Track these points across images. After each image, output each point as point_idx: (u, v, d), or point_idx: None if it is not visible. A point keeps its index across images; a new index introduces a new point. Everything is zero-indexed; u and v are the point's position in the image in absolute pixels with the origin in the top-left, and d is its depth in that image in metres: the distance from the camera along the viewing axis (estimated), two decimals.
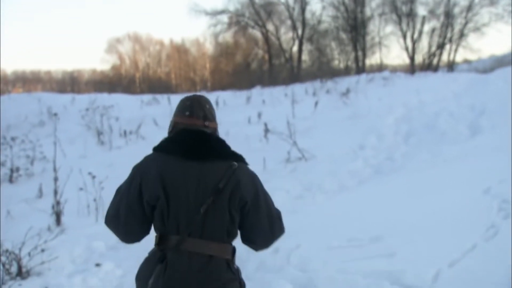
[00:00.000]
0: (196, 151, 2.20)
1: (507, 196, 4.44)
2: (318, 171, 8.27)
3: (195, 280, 2.13)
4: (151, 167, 2.21)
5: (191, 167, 2.17)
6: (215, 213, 2.16)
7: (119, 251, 5.33)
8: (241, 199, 2.21)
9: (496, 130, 9.25)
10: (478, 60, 37.98)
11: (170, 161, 2.20)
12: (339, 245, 4.28)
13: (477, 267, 3.19)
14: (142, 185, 2.19)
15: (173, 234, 2.17)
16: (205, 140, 2.24)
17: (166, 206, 2.15)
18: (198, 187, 2.16)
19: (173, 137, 2.30)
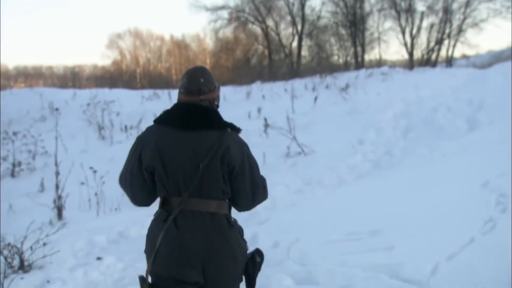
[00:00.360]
0: (191, 123, 2.44)
1: (505, 190, 4.46)
2: (317, 166, 8.30)
3: (201, 235, 2.39)
4: (151, 137, 2.46)
5: (187, 137, 2.42)
6: (210, 174, 2.40)
7: (120, 245, 5.37)
8: (229, 164, 2.45)
9: (494, 124, 9.28)
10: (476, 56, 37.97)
11: (168, 132, 2.44)
12: (338, 239, 4.30)
13: (475, 261, 3.20)
14: (141, 154, 2.44)
15: (175, 196, 2.42)
16: (200, 112, 2.48)
17: (164, 172, 2.40)
18: (194, 153, 2.40)
19: (171, 110, 2.53)
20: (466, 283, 2.94)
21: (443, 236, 3.76)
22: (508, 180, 4.77)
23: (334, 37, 35.54)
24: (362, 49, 33.50)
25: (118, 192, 7.63)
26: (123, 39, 54.94)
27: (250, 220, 5.90)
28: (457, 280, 3.02)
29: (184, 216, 2.40)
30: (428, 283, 3.08)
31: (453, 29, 32.72)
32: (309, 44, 36.51)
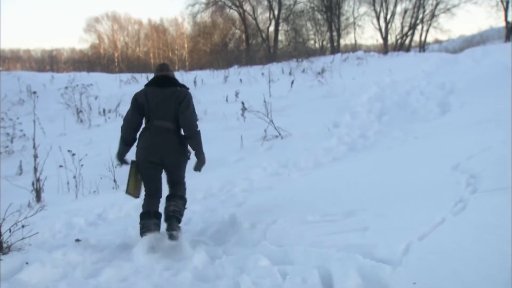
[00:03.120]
0: (162, 83, 4.76)
1: (475, 172, 4.53)
2: (293, 149, 8.37)
3: (161, 137, 4.62)
4: (143, 92, 4.76)
5: (159, 90, 4.71)
6: (168, 108, 4.66)
7: (99, 227, 5.39)
8: (178, 103, 4.67)
9: (465, 108, 9.44)
10: (448, 41, 38.47)
11: (150, 89, 4.74)
12: (314, 220, 4.35)
13: (445, 240, 3.24)
14: (137, 99, 4.73)
15: (151, 119, 4.67)
16: (167, 78, 4.82)
17: (148, 106, 4.67)
18: (162, 98, 4.67)
19: (152, 78, 4.86)
20: (437, 262, 2.99)
21: (415, 217, 3.81)
22: (478, 162, 4.89)
23: (310, 22, 35.51)
24: (338, 34, 33.54)
25: (97, 174, 7.67)
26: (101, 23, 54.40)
27: (228, 202, 5.97)
28: (428, 259, 3.05)
29: (154, 128, 4.64)
30: (400, 262, 3.11)
31: (426, 14, 33.08)
32: (286, 29, 36.45)
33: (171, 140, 4.64)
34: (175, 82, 4.78)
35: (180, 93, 4.68)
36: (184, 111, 4.63)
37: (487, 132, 6.58)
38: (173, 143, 4.65)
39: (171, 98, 4.64)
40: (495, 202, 3.70)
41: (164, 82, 4.74)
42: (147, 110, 4.65)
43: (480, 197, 3.90)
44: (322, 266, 3.33)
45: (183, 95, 4.67)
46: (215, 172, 7.73)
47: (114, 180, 7.63)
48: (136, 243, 4.43)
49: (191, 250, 4.26)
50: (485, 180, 4.27)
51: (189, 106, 4.67)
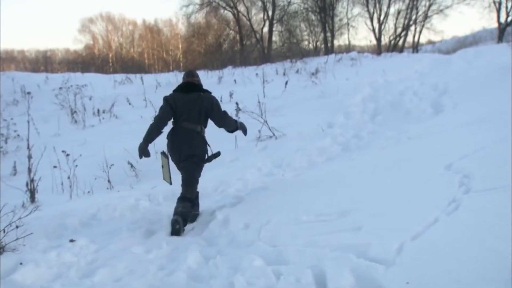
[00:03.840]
0: (187, 89, 5.39)
1: (468, 172, 4.55)
2: (288, 149, 8.39)
3: (185, 137, 5.28)
4: (171, 96, 5.37)
5: (185, 95, 5.32)
6: (193, 111, 5.30)
7: (93, 227, 5.38)
8: (205, 107, 5.35)
9: (458, 108, 9.49)
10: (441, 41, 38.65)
11: (177, 94, 5.37)
12: (308, 220, 4.36)
13: (438, 240, 3.24)
14: (168, 101, 5.33)
15: (177, 120, 5.32)
16: (191, 84, 5.44)
17: (176, 110, 5.29)
18: (187, 102, 5.30)
19: (179, 85, 5.49)
20: (430, 262, 3.00)
21: (409, 216, 3.82)
22: (471, 162, 4.91)
23: (304, 22, 35.56)
24: (332, 35, 33.59)
25: (91, 175, 7.66)
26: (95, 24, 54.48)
27: (222, 202, 5.97)
28: (421, 258, 3.06)
29: (180, 129, 5.32)
30: (394, 262, 3.12)
31: (420, 15, 33.24)
32: (280, 30, 36.48)
33: (193, 140, 5.30)
34: (198, 88, 5.42)
35: (204, 98, 5.34)
36: (217, 115, 5.45)
37: (480, 133, 6.61)
38: (195, 142, 5.31)
39: (195, 102, 5.30)
40: (488, 202, 3.71)
41: (189, 88, 5.38)
42: (175, 112, 5.30)
43: (473, 197, 3.91)
44: (316, 266, 3.34)
45: (209, 101, 5.36)
46: (209, 172, 7.73)
47: (108, 181, 7.62)
48: (130, 244, 4.43)
49: (185, 251, 4.27)
50: (478, 180, 4.28)
51: (220, 108, 5.47)
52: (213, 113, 5.41)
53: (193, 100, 5.30)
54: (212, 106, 5.37)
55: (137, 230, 5.09)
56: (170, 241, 4.72)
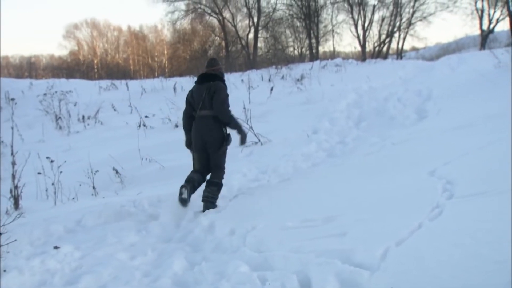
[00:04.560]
0: (201, 80, 5.90)
1: (451, 178, 4.59)
2: (273, 155, 8.40)
3: (203, 124, 5.79)
4: (190, 90, 6.00)
5: (199, 86, 5.86)
6: (204, 99, 5.77)
7: (77, 234, 5.33)
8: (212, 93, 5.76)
9: (441, 114, 9.57)
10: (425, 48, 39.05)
11: (195, 86, 5.93)
12: (294, 226, 4.37)
13: (422, 245, 3.26)
14: (187, 95, 6.01)
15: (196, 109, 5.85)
16: (208, 75, 5.91)
17: (193, 100, 5.89)
18: (201, 92, 5.81)
19: (198, 76, 6.03)
20: (414, 267, 3.02)
21: (393, 222, 3.84)
22: (454, 168, 4.96)
23: (290, 29, 35.64)
24: (317, 41, 33.74)
25: (76, 181, 7.61)
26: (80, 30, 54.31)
27: None
28: (405, 264, 3.08)
29: (198, 118, 5.85)
30: (378, 267, 3.14)
31: (403, 22, 33.60)
32: (265, 36, 36.50)
33: (209, 125, 5.77)
34: (210, 78, 5.85)
35: (211, 86, 5.78)
36: (217, 101, 5.73)
37: (464, 138, 6.68)
38: (211, 127, 5.78)
39: (207, 91, 5.76)
40: (471, 208, 3.74)
41: (202, 78, 5.89)
42: (193, 103, 5.88)
43: (456, 203, 3.94)
44: (301, 272, 3.35)
45: (214, 88, 5.77)
46: None
47: (93, 187, 7.58)
48: (115, 250, 4.41)
49: (170, 257, 4.26)
50: (461, 185, 4.32)
51: (219, 97, 5.74)
52: (214, 98, 5.74)
53: (204, 89, 5.79)
54: (215, 91, 5.75)
55: (122, 236, 5.07)
56: (155, 247, 4.71)
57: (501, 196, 3.76)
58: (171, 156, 9.10)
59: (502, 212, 3.42)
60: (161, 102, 14.46)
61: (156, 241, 4.97)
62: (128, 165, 8.78)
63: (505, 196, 3.74)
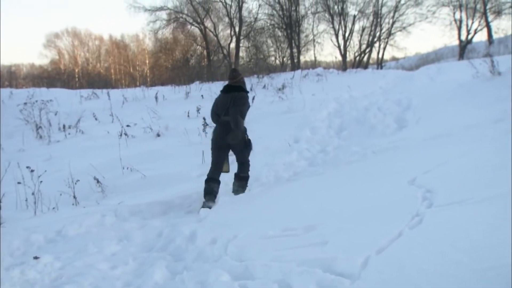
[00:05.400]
0: (226, 90, 6.76)
1: (431, 186, 4.63)
2: (255, 164, 8.38)
3: (226, 129, 6.53)
4: (217, 97, 6.95)
5: (227, 95, 6.66)
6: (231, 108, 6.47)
7: (58, 244, 5.28)
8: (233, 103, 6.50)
9: (421, 123, 9.68)
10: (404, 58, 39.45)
11: (220, 95, 6.84)
12: (275, 234, 4.37)
13: (403, 254, 3.28)
14: (214, 102, 6.91)
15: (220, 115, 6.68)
16: (230, 86, 6.75)
17: (217, 108, 6.76)
18: (225, 101, 6.64)
19: (223, 86, 6.84)
20: (394, 276, 3.03)
21: (374, 230, 3.86)
22: (434, 176, 5.01)
23: (271, 38, 35.73)
24: (298, 51, 33.91)
25: (56, 191, 7.54)
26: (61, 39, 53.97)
27: (189, 217, 5.95)
28: (386, 272, 3.08)
29: (221, 122, 6.63)
30: (359, 276, 3.14)
31: (383, 32, 33.95)
32: (247, 46, 36.56)
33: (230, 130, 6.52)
34: (235, 89, 6.71)
35: (235, 96, 6.61)
36: (234, 107, 6.52)
37: (443, 147, 6.76)
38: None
39: (230, 101, 6.61)
40: (450, 216, 3.77)
41: (227, 89, 6.79)
42: (217, 110, 6.81)
43: (435, 211, 3.97)
44: (283, 281, 3.35)
45: (236, 96, 6.61)
46: (176, 187, 7.71)
47: (74, 197, 7.51)
48: (96, 260, 4.38)
49: (151, 266, 4.24)
50: (440, 194, 4.36)
51: (238, 105, 6.55)
52: (232, 104, 6.55)
53: (228, 99, 6.64)
54: (235, 99, 6.58)
55: (103, 246, 5.04)
56: (137, 257, 4.69)
57: (479, 205, 3.81)
58: (152, 166, 9.07)
59: (481, 221, 3.47)
60: (142, 111, 14.41)
61: (138, 251, 4.94)
62: (109, 174, 8.72)
63: (483, 204, 3.79)
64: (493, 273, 2.76)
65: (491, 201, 3.82)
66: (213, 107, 6.90)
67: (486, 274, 2.77)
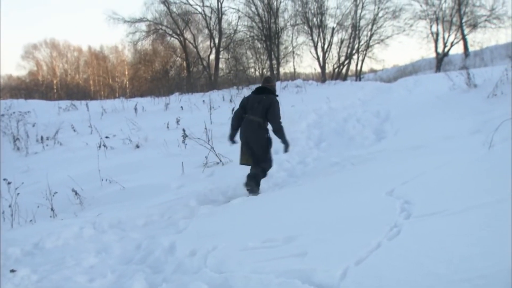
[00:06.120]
0: (257, 91, 7.50)
1: (409, 197, 4.67)
2: (234, 175, 8.41)
3: (250, 126, 7.33)
4: (247, 96, 7.62)
5: (255, 96, 7.43)
6: (257, 108, 7.30)
7: (35, 257, 5.21)
8: (266, 106, 7.25)
9: (399, 135, 9.78)
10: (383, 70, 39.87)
11: (251, 94, 7.56)
12: (254, 246, 4.37)
13: (381, 265, 3.29)
14: (243, 100, 7.61)
15: (247, 114, 7.39)
16: (263, 88, 7.51)
17: (247, 106, 7.43)
18: (255, 101, 7.38)
19: (255, 88, 7.66)
20: (373, 286, 3.03)
21: (353, 241, 3.87)
22: (412, 187, 5.06)
23: (251, 50, 35.86)
24: (277, 62, 34.09)
25: (33, 203, 7.45)
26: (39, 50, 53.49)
27: (168, 229, 5.92)
28: (364, 283, 3.09)
29: (247, 120, 7.35)
30: (338, 287, 3.15)
31: (362, 44, 34.30)
32: (227, 57, 36.66)
33: (254, 128, 7.32)
34: (266, 91, 7.42)
35: (266, 99, 7.31)
36: (271, 113, 7.26)
37: (421, 158, 6.84)
38: (256, 130, 7.33)
39: (260, 102, 7.31)
40: (428, 227, 3.81)
41: (260, 90, 7.49)
42: (246, 108, 7.43)
43: (413, 222, 4.00)
44: None
45: (269, 102, 7.30)
46: (156, 199, 7.66)
47: (52, 209, 7.43)
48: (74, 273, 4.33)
49: (130, 278, 4.20)
50: (418, 205, 4.40)
51: (274, 109, 7.27)
52: (269, 111, 7.26)
53: (258, 100, 7.33)
54: (270, 105, 7.27)
55: (81, 258, 4.98)
56: (115, 269, 4.64)
57: (456, 216, 3.85)
58: (131, 177, 9.01)
59: (458, 232, 3.51)
60: (121, 123, 14.33)
61: (116, 263, 4.90)
62: (87, 186, 8.65)
63: (460, 215, 3.84)
64: (470, 284, 2.79)
65: (468, 212, 3.87)
66: (241, 105, 7.56)
67: (463, 285, 2.80)
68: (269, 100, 7.30)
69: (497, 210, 3.69)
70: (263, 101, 7.29)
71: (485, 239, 3.26)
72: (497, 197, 3.96)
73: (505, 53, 28.51)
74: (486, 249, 3.11)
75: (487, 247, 3.14)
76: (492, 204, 3.85)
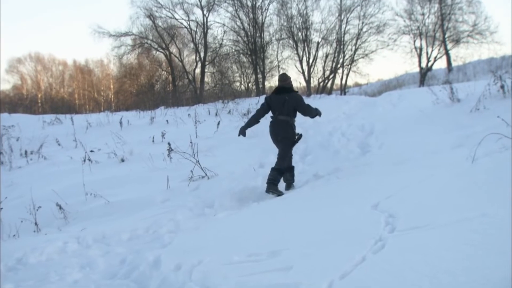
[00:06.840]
0: (278, 91, 8.09)
1: (393, 211, 4.70)
2: (220, 189, 8.41)
3: (281, 126, 8.03)
4: (269, 97, 8.20)
5: (277, 96, 8.03)
6: (284, 107, 7.95)
7: (18, 272, 5.16)
8: (293, 104, 7.99)
9: (383, 148, 9.85)
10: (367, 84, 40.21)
11: (273, 95, 8.12)
12: (239, 260, 4.37)
13: (366, 279, 3.30)
14: (267, 100, 8.16)
15: (274, 113, 8.09)
16: (282, 87, 8.10)
17: (271, 107, 8.09)
18: (279, 101, 7.99)
19: (275, 88, 8.27)
20: None
21: (338, 255, 3.89)
22: (396, 201, 5.10)
23: (236, 64, 35.91)
24: (263, 76, 34.17)
25: (17, 218, 7.37)
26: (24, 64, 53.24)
27: (153, 243, 5.89)
28: None
29: (276, 120, 8.03)
30: None
31: (346, 59, 34.53)
32: (212, 71, 36.70)
33: (284, 127, 7.99)
34: (285, 91, 8.02)
35: (290, 98, 7.96)
36: (302, 109, 8.02)
37: (405, 172, 6.89)
38: (285, 128, 8.01)
39: (284, 103, 7.93)
40: (411, 241, 3.83)
41: (279, 90, 8.05)
42: (271, 108, 8.08)
43: (398, 236, 4.02)
44: None
45: (294, 99, 7.98)
46: (141, 213, 7.62)
47: (36, 223, 7.37)
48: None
49: None
50: (402, 219, 4.42)
51: (303, 104, 8.00)
52: (299, 108, 7.99)
53: (282, 100, 7.93)
54: (297, 102, 7.96)
55: (65, 274, 4.94)
56: (99, 284, 4.61)
57: (440, 229, 3.88)
58: (116, 191, 8.96)
59: (442, 246, 3.54)
60: (106, 136, 14.28)
61: (100, 278, 4.86)
62: (72, 200, 8.59)
63: (444, 229, 3.87)
64: None
65: (452, 226, 3.90)
66: (265, 104, 8.14)
67: None
68: (293, 98, 7.96)
69: (481, 224, 3.72)
70: (287, 101, 7.91)
71: (468, 253, 3.29)
72: (481, 211, 3.99)
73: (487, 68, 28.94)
74: (469, 264, 3.13)
75: (471, 261, 3.16)
76: (476, 218, 3.88)
